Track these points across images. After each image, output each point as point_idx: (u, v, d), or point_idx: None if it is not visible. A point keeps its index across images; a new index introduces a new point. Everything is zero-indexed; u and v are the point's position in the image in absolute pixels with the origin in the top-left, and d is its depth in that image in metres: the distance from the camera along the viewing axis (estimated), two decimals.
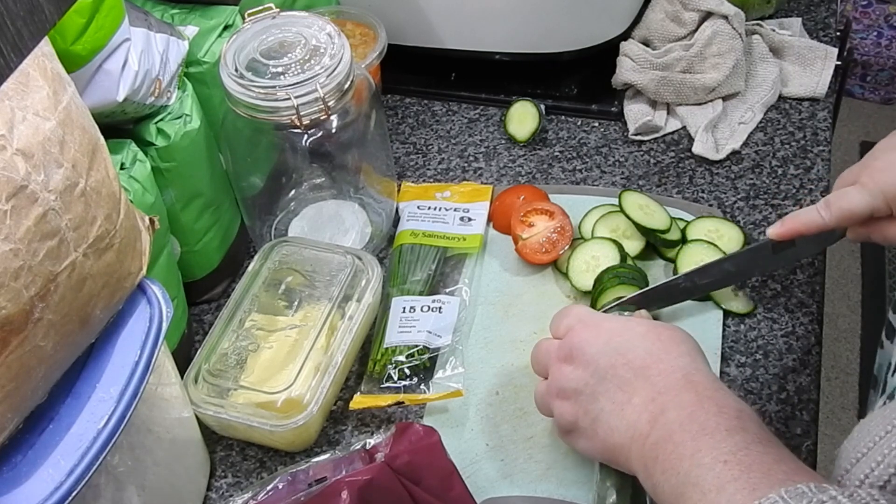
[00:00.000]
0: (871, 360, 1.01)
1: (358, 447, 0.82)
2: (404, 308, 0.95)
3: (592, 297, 0.94)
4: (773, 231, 0.85)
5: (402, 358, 0.92)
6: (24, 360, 0.61)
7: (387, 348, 0.93)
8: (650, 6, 1.18)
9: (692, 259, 0.96)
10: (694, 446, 0.63)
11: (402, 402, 0.88)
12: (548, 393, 0.76)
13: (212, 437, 0.91)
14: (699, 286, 0.92)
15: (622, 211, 0.99)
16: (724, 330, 0.94)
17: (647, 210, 0.99)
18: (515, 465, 0.86)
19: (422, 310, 0.95)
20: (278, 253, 0.96)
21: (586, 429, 0.72)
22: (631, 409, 0.69)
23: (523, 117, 1.14)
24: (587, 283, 0.95)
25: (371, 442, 0.82)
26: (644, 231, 0.98)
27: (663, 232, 0.98)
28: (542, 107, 1.14)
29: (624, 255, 0.96)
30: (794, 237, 0.85)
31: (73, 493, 0.64)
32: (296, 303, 0.93)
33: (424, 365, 0.92)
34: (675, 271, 0.96)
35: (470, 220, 1.04)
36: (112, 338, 0.72)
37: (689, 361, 0.70)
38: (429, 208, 1.06)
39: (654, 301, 0.91)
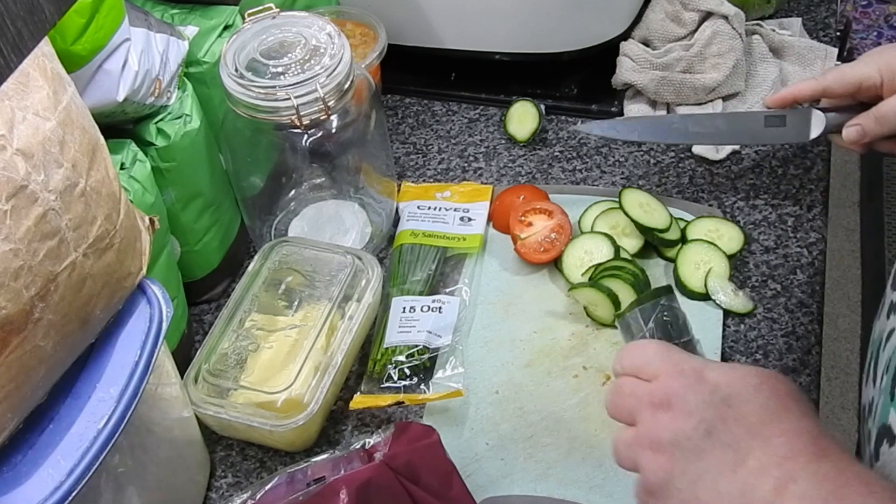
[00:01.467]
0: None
1: (357, 447, 0.82)
2: (404, 308, 0.95)
3: (585, 289, 0.94)
4: (769, 99, 0.88)
5: (402, 358, 0.92)
6: (24, 360, 0.61)
7: (387, 348, 0.93)
8: (650, 6, 1.18)
9: (692, 259, 0.96)
10: None
11: (402, 402, 0.88)
12: (636, 443, 0.63)
13: (212, 437, 0.91)
14: (690, 133, 0.92)
15: (622, 208, 0.99)
16: (724, 330, 0.94)
17: (648, 208, 0.99)
18: (515, 464, 0.86)
19: (422, 310, 0.95)
20: (278, 253, 0.96)
21: (682, 490, 0.60)
22: (746, 472, 0.58)
23: (523, 117, 1.14)
24: (580, 277, 0.96)
25: (370, 441, 0.82)
26: (643, 230, 0.98)
27: (662, 231, 0.98)
28: (542, 107, 1.14)
29: (617, 248, 0.96)
30: (787, 105, 0.88)
31: (73, 493, 0.64)
32: (296, 303, 0.93)
33: (424, 365, 0.92)
34: (675, 272, 0.96)
35: (470, 220, 1.04)
36: (112, 338, 0.72)
37: (813, 424, 0.60)
38: (429, 208, 1.06)
39: (647, 132, 0.92)
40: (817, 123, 0.89)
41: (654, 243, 0.99)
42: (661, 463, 0.61)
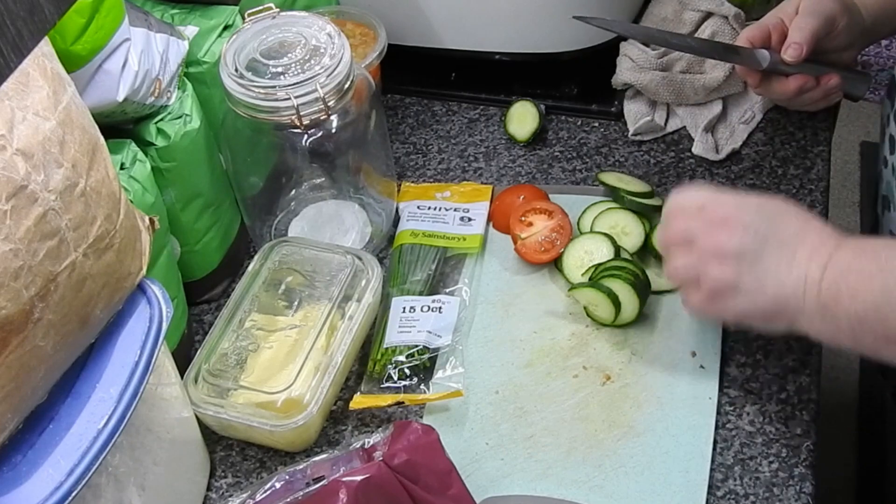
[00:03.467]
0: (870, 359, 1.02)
1: (356, 446, 0.82)
2: (404, 308, 0.95)
3: (586, 289, 0.94)
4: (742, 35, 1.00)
5: (402, 358, 0.92)
6: (24, 360, 0.61)
7: (387, 348, 0.93)
8: (650, 6, 1.18)
9: None
10: (881, 261, 0.71)
11: (403, 402, 0.88)
12: (700, 259, 0.79)
13: (212, 437, 0.91)
14: (671, 42, 1.03)
15: (602, 183, 1.04)
16: (724, 330, 0.94)
17: (625, 180, 1.04)
18: (515, 464, 0.86)
19: (422, 310, 0.95)
20: (278, 253, 0.96)
21: (751, 289, 0.76)
22: (797, 262, 0.75)
23: (523, 117, 1.14)
24: (580, 277, 0.96)
25: (369, 441, 0.82)
26: (626, 198, 1.01)
27: (645, 195, 1.02)
28: (542, 107, 1.14)
29: (617, 248, 0.96)
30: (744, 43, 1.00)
31: (73, 493, 0.64)
32: (296, 303, 0.93)
33: (424, 365, 0.92)
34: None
35: (470, 220, 1.04)
36: (112, 338, 0.72)
37: (836, 232, 0.77)
38: (429, 208, 1.06)
39: (628, 31, 1.08)
40: (764, 57, 0.99)
41: (640, 211, 1.01)
42: (728, 270, 0.77)
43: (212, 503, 0.87)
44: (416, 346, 0.92)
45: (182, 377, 0.86)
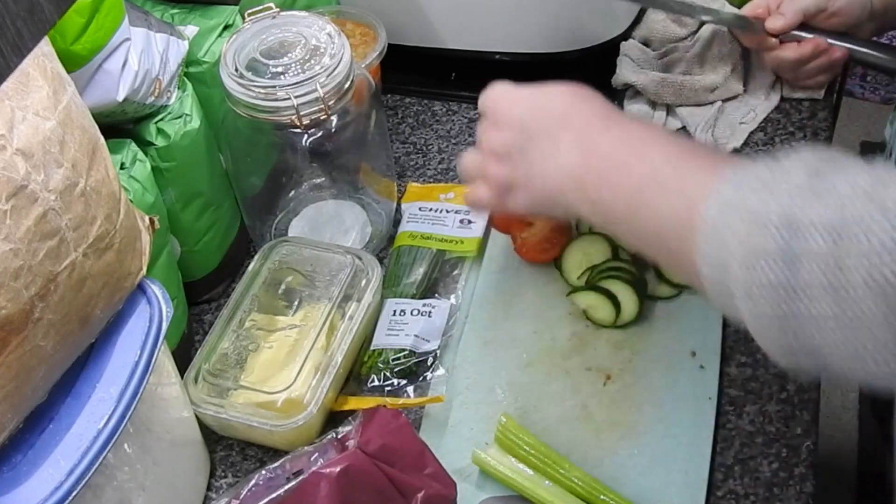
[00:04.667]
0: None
1: (329, 437, 0.82)
2: (394, 311, 0.95)
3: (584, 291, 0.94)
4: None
5: (388, 361, 0.91)
6: (24, 360, 0.61)
7: (374, 350, 0.93)
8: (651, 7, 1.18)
9: None
10: (640, 155, 0.68)
11: (385, 406, 0.88)
12: (483, 161, 0.79)
13: (212, 437, 0.91)
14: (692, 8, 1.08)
15: None
16: (724, 330, 0.94)
17: None
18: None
19: (411, 313, 0.95)
20: (278, 253, 0.96)
21: (522, 183, 0.76)
22: (560, 153, 0.72)
23: None
24: (579, 278, 0.96)
25: (341, 430, 0.83)
26: None
27: None
28: None
29: (616, 248, 0.96)
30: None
31: (73, 493, 0.64)
32: (296, 303, 0.93)
33: (410, 369, 0.92)
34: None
35: (470, 222, 1.04)
36: (112, 338, 0.72)
37: (606, 108, 0.74)
38: (430, 210, 1.05)
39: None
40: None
41: None
42: (501, 169, 0.77)
43: (212, 503, 0.87)
44: (403, 349, 0.92)
45: (182, 377, 0.86)
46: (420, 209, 1.06)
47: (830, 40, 1.04)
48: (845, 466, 1.84)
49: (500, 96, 0.79)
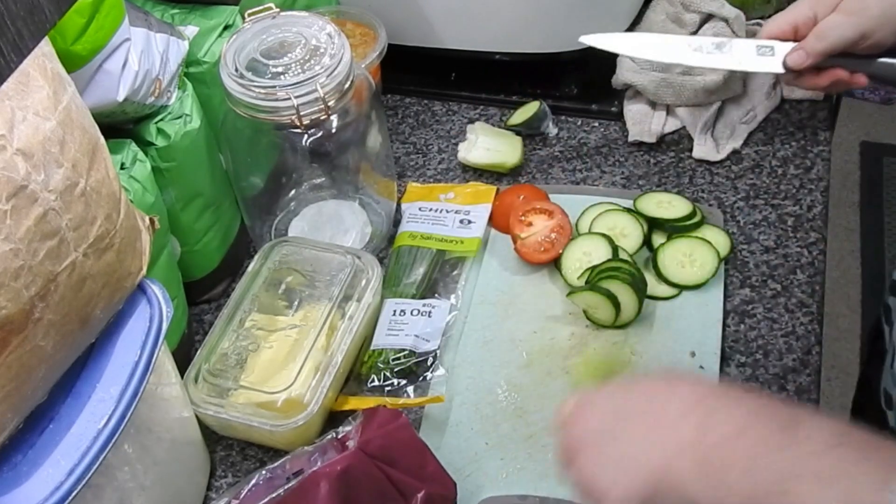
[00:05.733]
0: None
1: (329, 437, 0.82)
2: (395, 311, 0.95)
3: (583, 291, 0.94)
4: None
5: (388, 361, 0.91)
6: (24, 360, 0.61)
7: (374, 350, 0.93)
8: (651, 7, 1.18)
9: (676, 255, 0.97)
10: (786, 436, 0.57)
11: (385, 406, 0.88)
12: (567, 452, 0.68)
13: (212, 437, 0.91)
14: (686, 53, 1.00)
15: (639, 214, 1.00)
16: (724, 330, 0.94)
17: (664, 205, 1.01)
18: (515, 463, 0.86)
19: (411, 313, 0.95)
20: (278, 253, 0.96)
21: (617, 468, 0.63)
22: (661, 427, 0.61)
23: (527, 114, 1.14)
24: (579, 278, 0.96)
25: (341, 430, 0.83)
26: (663, 224, 0.99)
27: (687, 218, 0.99)
28: (546, 107, 1.14)
29: (615, 249, 0.96)
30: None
31: (73, 493, 0.64)
32: (296, 303, 0.93)
33: (410, 369, 0.92)
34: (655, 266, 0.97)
35: (470, 222, 1.04)
36: (112, 338, 0.72)
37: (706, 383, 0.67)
38: (430, 210, 1.05)
39: (646, 49, 1.01)
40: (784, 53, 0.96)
41: (676, 231, 0.99)
42: (591, 455, 0.65)
43: (212, 503, 0.87)
44: (403, 349, 0.92)
45: (182, 377, 0.86)
46: (420, 209, 1.06)
47: (852, 67, 0.95)
48: None
49: (581, 401, 0.68)
